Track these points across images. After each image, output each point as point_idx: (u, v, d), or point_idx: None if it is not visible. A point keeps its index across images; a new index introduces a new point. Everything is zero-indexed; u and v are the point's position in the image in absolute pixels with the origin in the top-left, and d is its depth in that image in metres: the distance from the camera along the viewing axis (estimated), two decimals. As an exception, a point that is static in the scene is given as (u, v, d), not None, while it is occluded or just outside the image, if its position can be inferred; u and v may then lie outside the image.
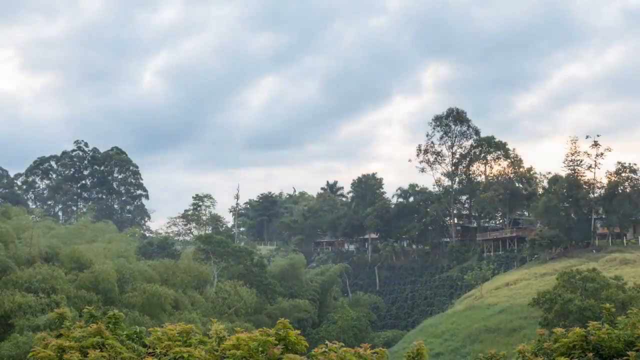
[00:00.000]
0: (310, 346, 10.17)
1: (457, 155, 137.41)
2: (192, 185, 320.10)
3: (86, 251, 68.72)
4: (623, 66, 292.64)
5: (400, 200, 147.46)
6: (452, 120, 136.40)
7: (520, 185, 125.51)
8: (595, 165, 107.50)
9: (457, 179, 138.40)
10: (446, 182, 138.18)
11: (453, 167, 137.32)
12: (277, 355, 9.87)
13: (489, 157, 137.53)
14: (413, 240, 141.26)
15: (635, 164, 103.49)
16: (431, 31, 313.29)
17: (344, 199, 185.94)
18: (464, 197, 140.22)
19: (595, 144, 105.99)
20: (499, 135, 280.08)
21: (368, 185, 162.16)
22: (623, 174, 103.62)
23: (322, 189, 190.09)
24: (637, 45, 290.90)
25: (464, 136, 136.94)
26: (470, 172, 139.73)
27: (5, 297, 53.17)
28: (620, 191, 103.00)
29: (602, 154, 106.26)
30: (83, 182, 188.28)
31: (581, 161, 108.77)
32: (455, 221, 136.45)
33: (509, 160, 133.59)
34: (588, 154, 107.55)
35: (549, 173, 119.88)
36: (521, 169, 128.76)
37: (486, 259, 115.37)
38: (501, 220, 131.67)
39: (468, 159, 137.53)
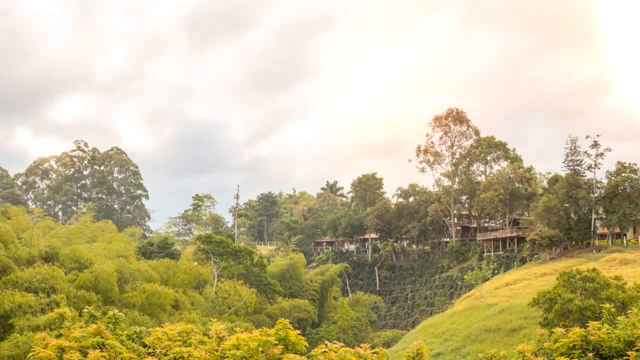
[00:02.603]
0: (310, 346, 10.16)
1: (457, 155, 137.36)
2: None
3: (86, 251, 68.68)
4: None
5: (400, 200, 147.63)
6: (451, 121, 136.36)
7: (520, 185, 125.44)
8: (595, 165, 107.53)
9: (457, 179, 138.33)
10: (446, 182, 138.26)
11: (453, 167, 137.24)
12: (277, 355, 9.85)
13: (489, 157, 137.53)
14: (413, 240, 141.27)
15: (635, 164, 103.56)
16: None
17: (344, 199, 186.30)
18: (464, 197, 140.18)
19: (595, 144, 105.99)
20: None
21: (368, 186, 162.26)
22: (623, 174, 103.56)
23: (322, 189, 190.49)
24: None
25: (463, 136, 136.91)
26: (470, 172, 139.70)
27: (5, 297, 53.07)
28: (620, 191, 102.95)
29: (602, 154, 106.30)
30: (83, 182, 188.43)
31: (581, 161, 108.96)
32: (455, 221, 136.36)
33: (509, 160, 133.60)
34: (588, 154, 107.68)
35: (549, 173, 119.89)
36: (521, 169, 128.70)
37: (486, 259, 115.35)
38: (501, 220, 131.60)
39: (468, 159, 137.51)
